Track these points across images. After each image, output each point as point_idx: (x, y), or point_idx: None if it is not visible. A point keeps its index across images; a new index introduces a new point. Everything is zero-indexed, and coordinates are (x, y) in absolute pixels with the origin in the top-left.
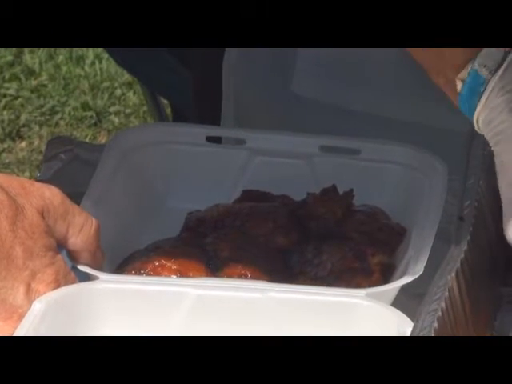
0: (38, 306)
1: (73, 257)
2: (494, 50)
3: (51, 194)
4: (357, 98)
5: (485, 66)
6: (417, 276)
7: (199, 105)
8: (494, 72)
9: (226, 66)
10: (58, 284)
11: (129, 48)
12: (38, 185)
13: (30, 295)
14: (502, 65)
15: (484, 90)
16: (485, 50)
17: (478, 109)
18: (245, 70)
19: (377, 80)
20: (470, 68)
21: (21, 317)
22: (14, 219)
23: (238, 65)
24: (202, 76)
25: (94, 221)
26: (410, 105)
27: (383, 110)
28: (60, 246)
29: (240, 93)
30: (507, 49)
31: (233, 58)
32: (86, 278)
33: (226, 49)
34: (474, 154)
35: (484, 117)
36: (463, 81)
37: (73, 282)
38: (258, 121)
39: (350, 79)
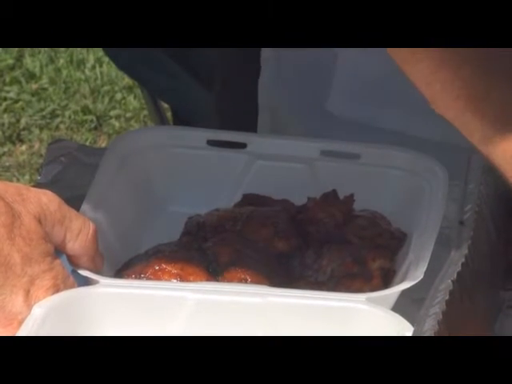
0: (37, 310)
1: (72, 261)
2: None
3: (48, 200)
4: (387, 117)
5: None
6: (417, 281)
7: (225, 123)
8: None
9: (262, 86)
10: (57, 289)
11: (129, 51)
12: (35, 191)
13: (30, 301)
14: None
15: None
16: None
17: None
18: (279, 88)
19: (406, 99)
20: None
21: (20, 323)
22: (11, 226)
23: (274, 84)
24: (226, 95)
25: (91, 225)
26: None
27: (413, 129)
28: (59, 250)
29: (275, 112)
30: None
31: (268, 76)
32: (86, 282)
33: (262, 68)
34: (475, 159)
35: None
36: None
37: (72, 287)
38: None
39: (382, 99)
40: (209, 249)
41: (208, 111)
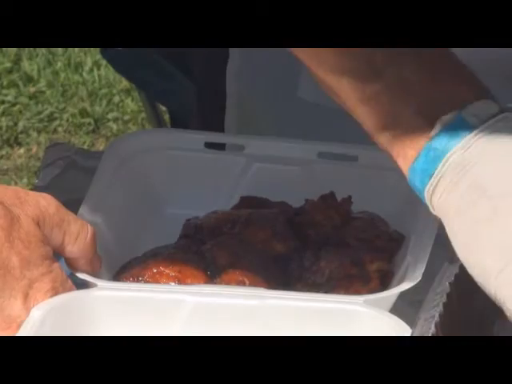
0: (36, 313)
1: (70, 264)
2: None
3: (46, 203)
4: None
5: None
6: (415, 283)
7: (202, 113)
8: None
9: (230, 73)
10: (55, 292)
11: (127, 54)
12: (33, 194)
13: (28, 304)
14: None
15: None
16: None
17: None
18: (248, 76)
19: None
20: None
21: (19, 326)
22: (9, 230)
23: (242, 71)
24: (205, 85)
25: (89, 228)
26: None
27: None
28: (57, 253)
29: (244, 99)
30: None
31: (236, 64)
32: (84, 285)
33: (230, 56)
34: None
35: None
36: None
37: (70, 290)
38: (261, 126)
39: None
40: (207, 251)
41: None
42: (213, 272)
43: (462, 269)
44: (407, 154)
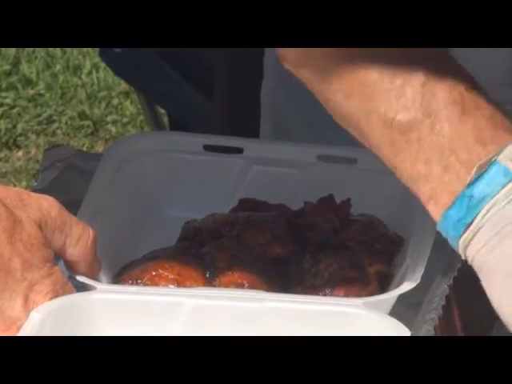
0: (36, 315)
1: (69, 267)
2: None
3: (49, 206)
4: None
5: None
6: (414, 285)
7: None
8: None
9: (265, 88)
10: (55, 294)
11: (126, 57)
12: (36, 196)
13: (28, 306)
14: None
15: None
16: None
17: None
18: (282, 91)
19: None
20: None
21: (19, 328)
22: (11, 231)
23: (276, 86)
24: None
25: (91, 231)
26: None
27: None
28: (57, 256)
29: (278, 114)
30: None
31: (270, 82)
32: (83, 287)
33: (264, 70)
34: None
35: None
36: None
37: (70, 292)
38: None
39: None
40: (206, 254)
41: (205, 116)
42: (212, 274)
43: (461, 271)
44: (439, 200)
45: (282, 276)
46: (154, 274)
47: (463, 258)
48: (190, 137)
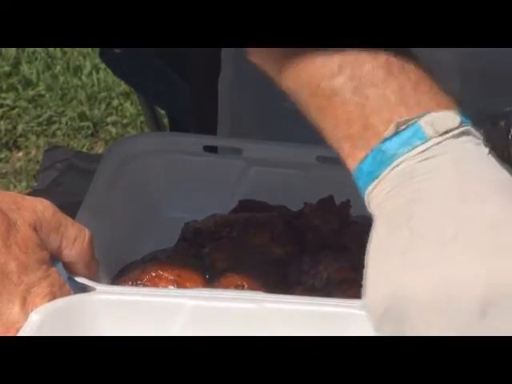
0: (34, 317)
1: (68, 268)
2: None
3: (43, 207)
4: None
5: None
6: None
7: (197, 115)
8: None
9: (223, 81)
10: (53, 296)
11: (126, 58)
12: (30, 199)
13: (27, 309)
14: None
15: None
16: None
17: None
18: (240, 84)
19: None
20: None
21: (18, 331)
22: (6, 234)
23: (234, 80)
24: (201, 89)
25: (87, 231)
26: None
27: None
28: (55, 258)
29: (236, 106)
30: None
31: (229, 73)
32: (83, 289)
33: (222, 64)
34: None
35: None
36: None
37: (68, 294)
38: (252, 134)
39: None
40: (205, 255)
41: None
42: (211, 276)
43: None
44: (356, 155)
45: (282, 277)
46: (153, 275)
47: (368, 208)
48: (189, 138)
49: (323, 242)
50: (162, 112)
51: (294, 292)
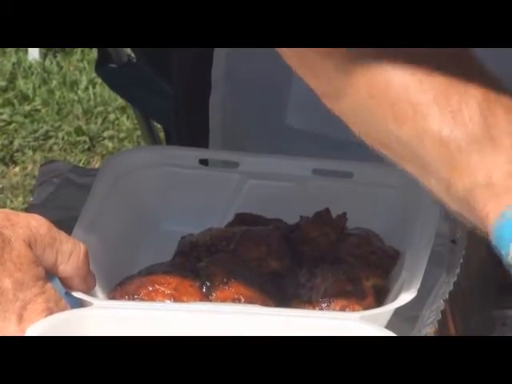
0: (31, 333)
1: (64, 283)
2: None
3: (37, 224)
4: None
5: None
6: (410, 299)
7: (189, 129)
8: None
9: (214, 103)
10: (49, 312)
11: (121, 72)
12: (24, 215)
13: (23, 326)
14: None
15: None
16: None
17: None
18: (232, 103)
19: None
20: None
21: None
22: (1, 252)
23: (226, 95)
24: (190, 103)
25: (82, 246)
26: None
27: None
28: (49, 274)
29: (227, 121)
30: None
31: (220, 93)
32: (80, 304)
33: (212, 85)
34: None
35: None
36: None
37: (64, 309)
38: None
39: None
40: (202, 269)
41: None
42: (208, 289)
43: (456, 286)
44: (502, 201)
45: (279, 290)
46: (150, 289)
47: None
48: (185, 151)
49: (320, 254)
50: (159, 126)
51: (291, 305)
